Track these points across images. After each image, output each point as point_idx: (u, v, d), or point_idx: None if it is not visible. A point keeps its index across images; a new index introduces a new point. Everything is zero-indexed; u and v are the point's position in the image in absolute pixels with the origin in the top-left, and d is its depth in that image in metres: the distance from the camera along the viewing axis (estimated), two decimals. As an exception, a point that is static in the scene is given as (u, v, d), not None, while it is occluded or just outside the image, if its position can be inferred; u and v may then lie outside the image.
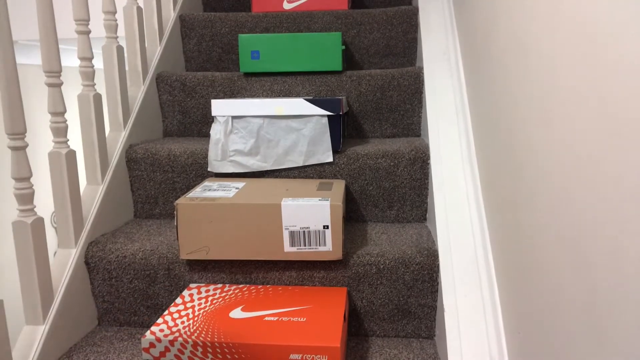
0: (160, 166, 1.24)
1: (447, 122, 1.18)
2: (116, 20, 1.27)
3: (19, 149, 0.92)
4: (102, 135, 1.16)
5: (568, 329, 0.56)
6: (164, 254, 1.04)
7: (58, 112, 1.03)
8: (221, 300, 0.95)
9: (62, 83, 1.03)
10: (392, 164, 1.18)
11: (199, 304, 0.93)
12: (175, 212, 0.95)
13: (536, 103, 0.67)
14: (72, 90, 1.73)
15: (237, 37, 1.56)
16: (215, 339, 0.82)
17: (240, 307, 0.91)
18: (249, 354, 0.80)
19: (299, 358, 0.80)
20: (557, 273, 0.59)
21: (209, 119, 1.47)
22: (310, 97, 1.19)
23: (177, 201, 0.95)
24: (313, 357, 0.80)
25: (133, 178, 1.26)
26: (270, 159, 1.20)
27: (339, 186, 1.06)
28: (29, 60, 3.70)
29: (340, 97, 1.18)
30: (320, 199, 0.95)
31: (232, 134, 1.20)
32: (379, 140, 1.36)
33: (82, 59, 1.13)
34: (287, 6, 1.69)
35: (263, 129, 1.19)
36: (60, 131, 1.03)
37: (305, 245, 0.95)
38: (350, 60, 1.60)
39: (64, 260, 1.02)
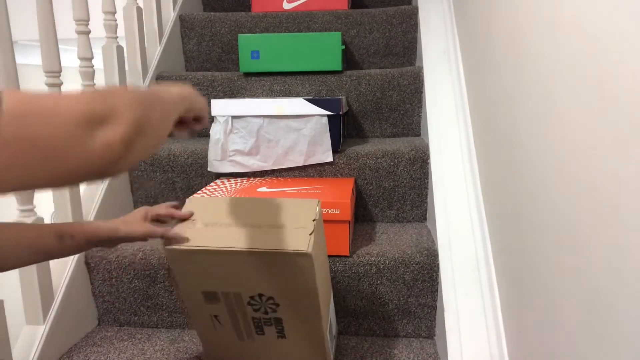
0: (160, 166, 1.24)
1: (447, 121, 1.18)
2: (116, 20, 1.27)
3: (19, 149, 0.92)
4: (102, 135, 1.16)
5: (568, 329, 0.56)
6: (164, 254, 1.04)
7: (58, 112, 1.03)
8: (248, 183, 1.15)
9: (62, 83, 1.03)
10: (392, 163, 1.18)
11: (231, 185, 1.13)
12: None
13: (536, 102, 0.67)
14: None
15: (237, 37, 1.56)
16: None
17: (265, 186, 1.11)
18: None
19: None
20: (557, 273, 0.59)
21: (208, 119, 1.47)
22: (310, 97, 1.19)
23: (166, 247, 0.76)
24: (328, 211, 0.97)
25: (133, 178, 1.26)
26: (270, 158, 1.20)
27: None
28: (29, 60, 3.70)
29: (340, 97, 1.18)
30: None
31: (232, 133, 1.20)
32: (378, 140, 1.36)
33: (82, 59, 1.13)
34: (286, 6, 1.69)
35: (263, 128, 1.19)
36: None
37: None
38: (350, 60, 1.60)
39: (64, 260, 1.02)
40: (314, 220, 0.74)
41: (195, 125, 0.69)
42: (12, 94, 0.39)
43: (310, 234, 0.71)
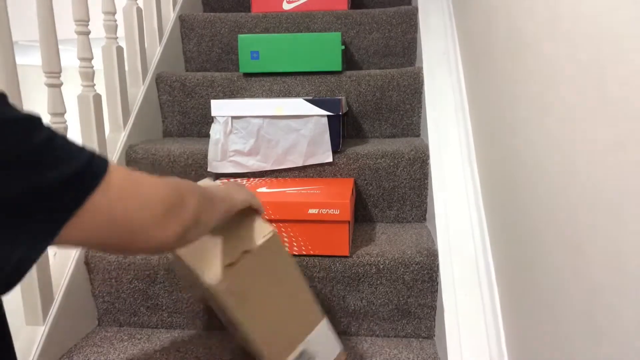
0: (160, 166, 1.24)
1: (447, 122, 1.18)
2: (116, 20, 1.27)
3: (19, 150, 0.92)
4: (102, 135, 1.16)
5: (568, 329, 0.56)
6: (163, 254, 1.04)
7: (58, 112, 1.03)
8: (248, 184, 1.15)
9: (62, 84, 1.03)
10: (391, 164, 1.18)
11: None
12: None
13: (536, 102, 0.67)
14: (72, 90, 1.73)
15: (237, 38, 1.56)
16: None
17: (265, 187, 1.12)
18: (275, 210, 0.99)
19: (316, 212, 0.98)
20: (556, 273, 0.59)
21: (208, 119, 1.47)
22: (310, 97, 1.19)
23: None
24: (327, 211, 0.97)
25: (133, 178, 1.26)
26: (270, 159, 1.20)
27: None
28: (29, 60, 3.70)
29: (340, 97, 1.18)
30: None
31: (232, 134, 1.20)
32: (378, 140, 1.36)
33: (82, 59, 1.13)
34: (286, 6, 1.69)
35: (263, 129, 1.19)
36: (60, 132, 1.03)
37: None
38: (350, 60, 1.60)
39: (64, 260, 1.02)
40: (245, 251, 0.72)
41: None
42: (120, 173, 0.44)
43: (226, 266, 0.70)
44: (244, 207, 0.72)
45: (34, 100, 3.72)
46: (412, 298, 1.00)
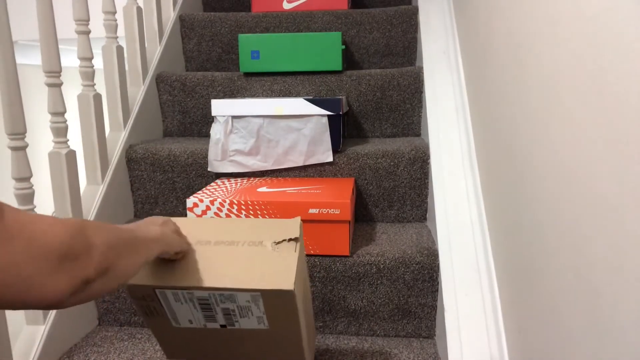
0: (160, 166, 1.24)
1: (447, 121, 1.18)
2: (116, 20, 1.27)
3: (19, 149, 0.92)
4: (102, 135, 1.16)
5: (568, 329, 0.56)
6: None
7: (58, 112, 1.03)
8: (248, 183, 1.16)
9: (62, 83, 1.03)
10: (392, 163, 1.18)
11: (231, 185, 1.14)
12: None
13: (536, 101, 0.67)
14: (72, 90, 1.73)
15: (237, 37, 1.56)
16: (249, 200, 1.00)
17: (266, 186, 1.12)
18: (275, 210, 1.00)
19: (317, 212, 0.98)
20: (557, 273, 0.59)
21: (209, 119, 1.47)
22: (310, 97, 1.19)
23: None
24: (328, 210, 0.97)
25: (133, 178, 1.26)
26: (271, 158, 1.20)
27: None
28: (29, 60, 3.70)
29: (340, 97, 1.18)
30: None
31: (232, 133, 1.20)
32: (379, 140, 1.36)
33: (82, 59, 1.13)
34: (286, 6, 1.69)
35: (263, 128, 1.19)
36: (60, 131, 1.03)
37: None
38: (350, 60, 1.60)
39: (64, 260, 1.02)
40: (291, 239, 0.69)
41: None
42: (12, 214, 0.38)
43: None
44: (181, 249, 0.65)
45: (34, 100, 3.72)
46: (413, 298, 1.00)
